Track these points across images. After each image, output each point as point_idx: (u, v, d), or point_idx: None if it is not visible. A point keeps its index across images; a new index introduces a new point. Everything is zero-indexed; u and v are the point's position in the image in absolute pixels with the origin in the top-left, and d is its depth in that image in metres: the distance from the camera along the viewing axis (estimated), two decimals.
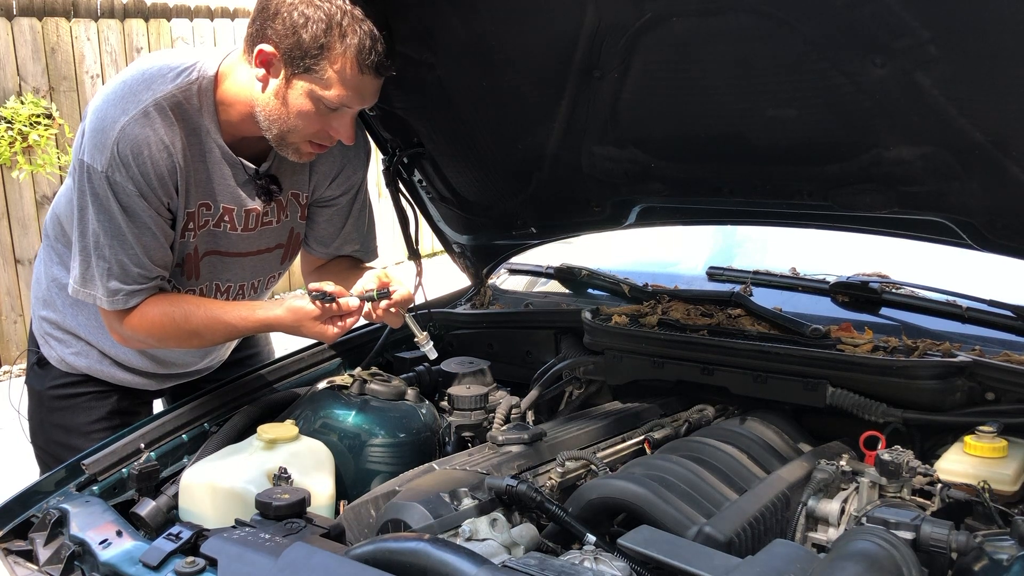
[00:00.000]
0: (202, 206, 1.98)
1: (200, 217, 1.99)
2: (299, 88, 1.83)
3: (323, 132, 1.91)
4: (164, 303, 1.94)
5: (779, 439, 1.96)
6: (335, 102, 1.83)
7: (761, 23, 1.70)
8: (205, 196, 1.97)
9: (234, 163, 1.97)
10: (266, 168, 2.03)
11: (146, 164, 1.82)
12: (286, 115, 1.86)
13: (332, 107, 1.84)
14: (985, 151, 1.74)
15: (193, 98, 1.88)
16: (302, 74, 1.81)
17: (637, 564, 1.35)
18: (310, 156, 1.99)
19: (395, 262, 8.90)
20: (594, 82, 2.00)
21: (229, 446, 1.88)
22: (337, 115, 1.88)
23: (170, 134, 1.85)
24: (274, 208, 2.10)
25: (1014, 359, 1.91)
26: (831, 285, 2.39)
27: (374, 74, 1.82)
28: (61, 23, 6.21)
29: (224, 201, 2.00)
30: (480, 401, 2.12)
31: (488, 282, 2.81)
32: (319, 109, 1.85)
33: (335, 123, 1.90)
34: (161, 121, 1.83)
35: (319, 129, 1.90)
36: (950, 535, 1.42)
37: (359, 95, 1.85)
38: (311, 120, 1.87)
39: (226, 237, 2.05)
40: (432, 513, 1.52)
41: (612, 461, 1.88)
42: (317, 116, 1.86)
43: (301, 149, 1.94)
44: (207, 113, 1.91)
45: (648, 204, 2.39)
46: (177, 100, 1.86)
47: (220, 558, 1.41)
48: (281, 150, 1.96)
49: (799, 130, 1.93)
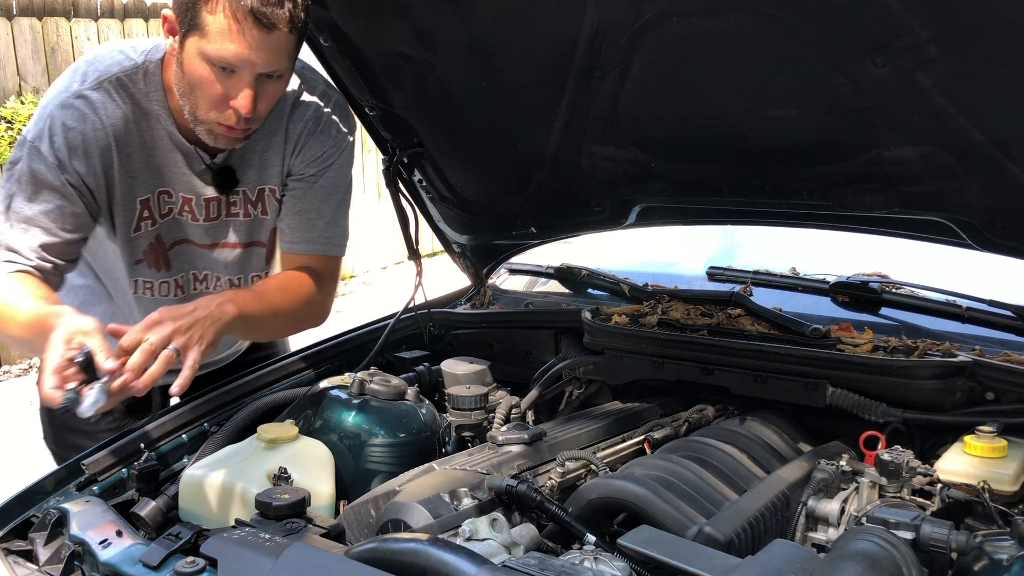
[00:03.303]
0: (162, 194, 1.94)
1: (162, 205, 1.95)
2: (190, 49, 1.75)
3: (223, 104, 1.78)
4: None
5: (779, 439, 1.96)
6: (218, 57, 1.72)
7: (761, 23, 1.70)
8: (160, 183, 1.93)
9: (187, 151, 1.92)
10: (222, 159, 1.97)
11: (75, 139, 1.82)
12: (187, 85, 1.79)
13: (221, 64, 1.73)
14: (985, 151, 1.74)
15: (139, 81, 1.86)
16: (189, 32, 1.73)
17: (637, 564, 1.35)
18: (227, 142, 1.87)
19: (395, 262, 8.92)
20: (594, 82, 2.00)
21: (229, 446, 1.88)
22: (232, 80, 1.76)
23: (110, 114, 1.84)
24: (240, 201, 2.03)
25: (1014, 359, 1.91)
26: (831, 285, 2.39)
27: (255, 23, 1.69)
28: (61, 23, 6.22)
29: (181, 190, 1.95)
30: (480, 401, 2.12)
31: (488, 282, 2.81)
32: (212, 72, 1.74)
33: (231, 91, 1.76)
34: (101, 100, 1.83)
35: (218, 99, 1.77)
36: (950, 535, 1.42)
37: (246, 49, 1.71)
38: (207, 86, 1.76)
39: (189, 227, 2.01)
40: (432, 513, 1.52)
41: (612, 461, 1.88)
42: (211, 81, 1.75)
43: (213, 130, 1.83)
44: (155, 98, 1.87)
45: (648, 204, 2.39)
46: (122, 82, 1.85)
47: (220, 558, 1.41)
48: (199, 133, 1.86)
49: (799, 130, 1.93)
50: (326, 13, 2.03)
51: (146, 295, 2.11)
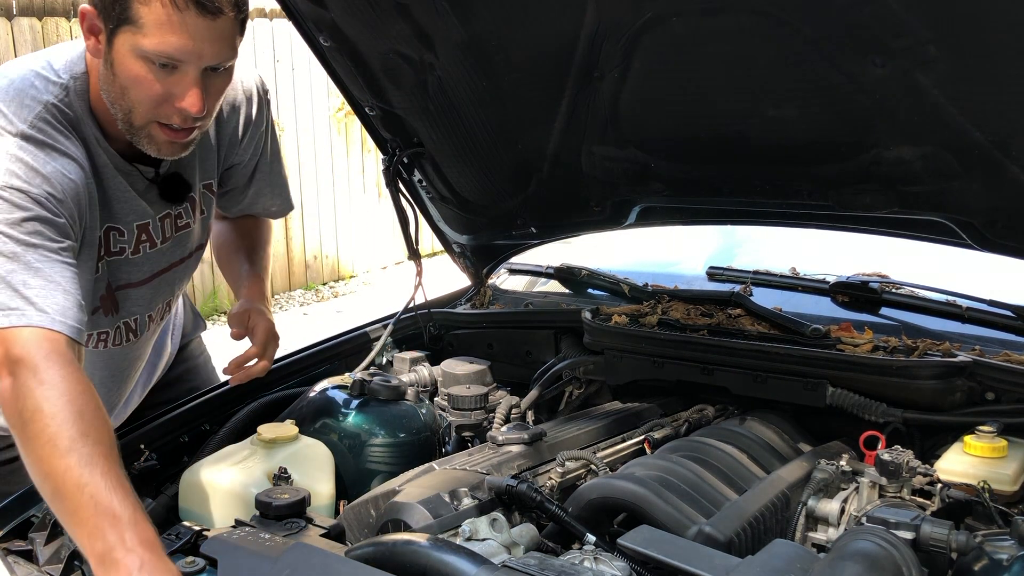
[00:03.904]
0: (112, 231, 1.74)
1: (113, 243, 1.75)
2: (121, 46, 1.55)
3: (166, 104, 1.59)
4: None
5: (779, 439, 1.96)
6: (158, 52, 1.52)
7: (761, 23, 1.70)
8: (109, 218, 1.73)
9: (127, 171, 1.73)
10: (166, 168, 1.79)
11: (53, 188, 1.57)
12: (120, 87, 1.58)
13: (162, 61, 1.54)
14: (985, 151, 1.74)
15: (73, 104, 1.64)
16: (119, 26, 1.53)
17: (637, 564, 1.35)
18: (170, 149, 1.67)
19: (395, 262, 8.91)
20: (594, 82, 2.00)
21: (229, 446, 1.88)
22: (175, 77, 1.56)
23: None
24: (188, 208, 1.87)
25: (1014, 359, 1.91)
26: (831, 285, 2.39)
27: (199, 11, 1.51)
28: (61, 23, 6.21)
29: (135, 219, 1.76)
30: (480, 401, 2.12)
31: (488, 282, 2.81)
32: (150, 70, 1.55)
33: (175, 89, 1.57)
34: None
35: (158, 99, 1.58)
36: (950, 535, 1.42)
37: (189, 42, 1.52)
38: (145, 87, 1.56)
39: (132, 263, 1.81)
40: (432, 513, 1.52)
41: (612, 461, 1.88)
42: (149, 80, 1.56)
43: (153, 135, 1.63)
44: (87, 121, 1.66)
45: (648, 204, 2.39)
46: (59, 110, 1.62)
47: (220, 558, 1.41)
48: (135, 141, 1.66)
49: (799, 130, 1.93)
50: (326, 13, 2.03)
51: (99, 347, 1.89)
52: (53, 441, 1.37)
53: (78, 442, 1.37)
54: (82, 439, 1.37)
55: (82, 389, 1.43)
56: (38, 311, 1.45)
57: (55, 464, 1.37)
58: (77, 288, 1.53)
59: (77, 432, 1.38)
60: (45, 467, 1.38)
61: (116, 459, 1.41)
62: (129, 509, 1.34)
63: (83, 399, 1.42)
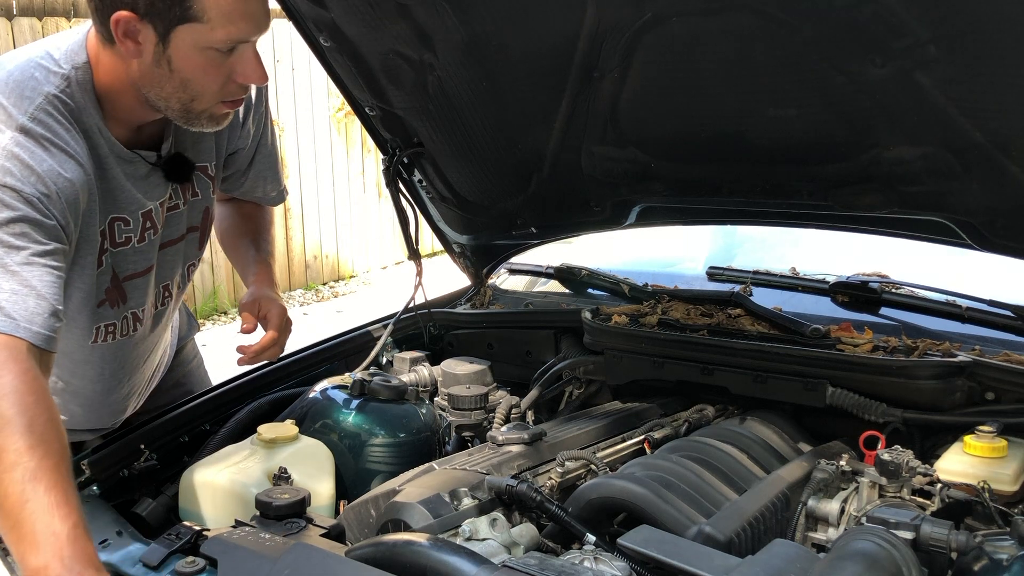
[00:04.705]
0: (116, 221, 1.74)
1: (117, 234, 1.75)
2: (180, 43, 1.57)
3: (230, 83, 1.64)
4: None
5: (779, 439, 1.96)
6: (228, 41, 1.57)
7: (761, 23, 1.70)
8: (114, 209, 1.74)
9: (129, 158, 1.73)
10: (168, 149, 1.79)
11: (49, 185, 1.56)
12: (179, 81, 1.61)
13: (226, 49, 1.59)
14: (985, 151, 1.74)
15: (75, 95, 1.63)
16: (176, 25, 1.55)
17: (637, 564, 1.35)
18: (227, 118, 1.74)
19: (395, 262, 8.91)
20: (594, 82, 2.00)
21: (229, 446, 1.88)
22: (237, 56, 1.61)
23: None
24: (179, 190, 1.87)
25: (1014, 359, 1.91)
26: (831, 285, 2.39)
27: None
28: (61, 23, 6.22)
29: (138, 207, 1.77)
30: (480, 401, 2.12)
31: (488, 282, 2.81)
32: (213, 58, 1.59)
33: (238, 67, 1.62)
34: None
35: (223, 81, 1.63)
36: (950, 535, 1.42)
37: (251, 22, 1.58)
38: (210, 75, 1.61)
39: (145, 249, 1.82)
40: (432, 513, 1.52)
41: (612, 461, 1.88)
42: (215, 67, 1.61)
43: (215, 114, 1.69)
44: (91, 111, 1.65)
45: (648, 204, 2.39)
46: (61, 100, 1.61)
47: (220, 558, 1.41)
48: (192, 125, 1.70)
49: (799, 130, 1.93)
50: (326, 13, 2.03)
51: (107, 340, 1.89)
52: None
53: (24, 455, 1.34)
54: (29, 452, 1.35)
55: (35, 399, 1.40)
56: (4, 316, 1.43)
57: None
58: (55, 293, 1.50)
59: (24, 445, 1.35)
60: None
61: (64, 471, 1.38)
62: (69, 525, 1.32)
63: (36, 409, 1.39)
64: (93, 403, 2.00)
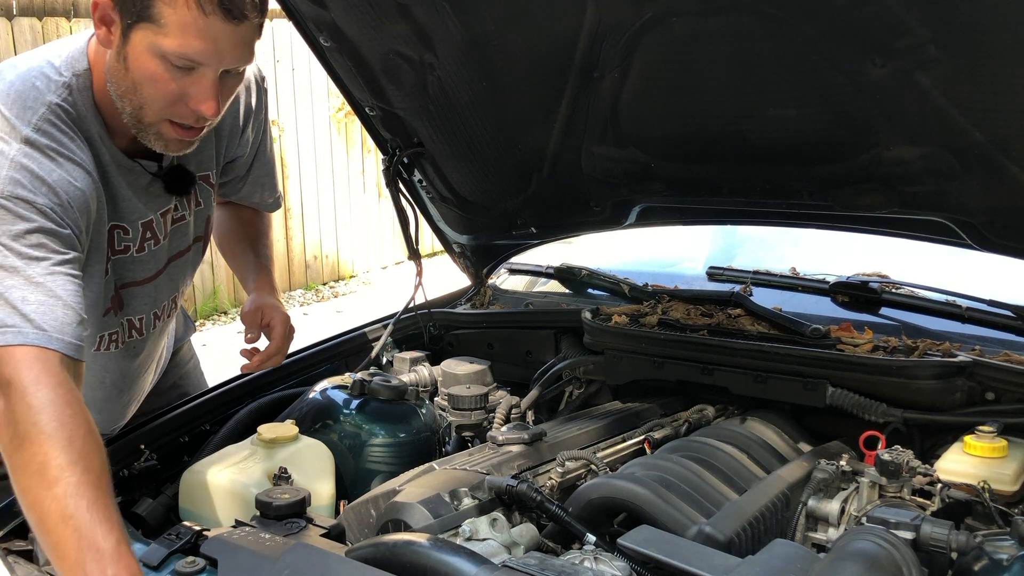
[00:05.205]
0: (116, 229, 1.72)
1: (117, 242, 1.73)
2: (138, 42, 1.51)
3: (180, 104, 1.57)
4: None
5: (779, 439, 1.96)
6: (179, 54, 1.50)
7: (761, 23, 1.70)
8: (114, 217, 1.71)
9: (130, 167, 1.71)
10: (170, 160, 1.76)
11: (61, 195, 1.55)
12: (131, 82, 1.55)
13: (180, 64, 1.52)
14: (985, 151, 1.74)
15: (77, 103, 1.61)
16: (137, 23, 1.50)
17: (637, 564, 1.35)
18: (178, 146, 1.66)
19: (395, 262, 8.91)
20: (594, 82, 2.00)
21: (229, 446, 1.88)
22: (193, 78, 1.54)
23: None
24: (184, 201, 1.85)
25: (1014, 359, 1.91)
26: (831, 285, 2.39)
27: (224, 16, 1.49)
28: (61, 23, 6.21)
29: (139, 217, 1.75)
30: (480, 401, 2.12)
31: (488, 282, 2.81)
32: (167, 69, 1.52)
33: (191, 90, 1.55)
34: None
35: (173, 99, 1.56)
36: (950, 535, 1.42)
37: (211, 46, 1.51)
38: (159, 85, 1.54)
39: (145, 259, 1.80)
40: (432, 513, 1.52)
41: (612, 461, 1.88)
42: (165, 79, 1.53)
43: (163, 132, 1.61)
44: (91, 119, 1.63)
45: (648, 204, 2.39)
46: (64, 110, 1.58)
47: (220, 558, 1.41)
48: (142, 136, 1.63)
49: (799, 130, 1.93)
50: (326, 13, 2.03)
51: (110, 348, 1.88)
52: (41, 470, 1.34)
53: (66, 471, 1.33)
54: (71, 468, 1.34)
55: (73, 412, 1.39)
56: (35, 328, 1.42)
57: (41, 495, 1.33)
58: (80, 302, 1.49)
59: (66, 460, 1.34)
60: (31, 497, 1.35)
61: (105, 486, 1.37)
62: (112, 542, 1.31)
63: (74, 422, 1.38)
64: (93, 410, 1.98)
